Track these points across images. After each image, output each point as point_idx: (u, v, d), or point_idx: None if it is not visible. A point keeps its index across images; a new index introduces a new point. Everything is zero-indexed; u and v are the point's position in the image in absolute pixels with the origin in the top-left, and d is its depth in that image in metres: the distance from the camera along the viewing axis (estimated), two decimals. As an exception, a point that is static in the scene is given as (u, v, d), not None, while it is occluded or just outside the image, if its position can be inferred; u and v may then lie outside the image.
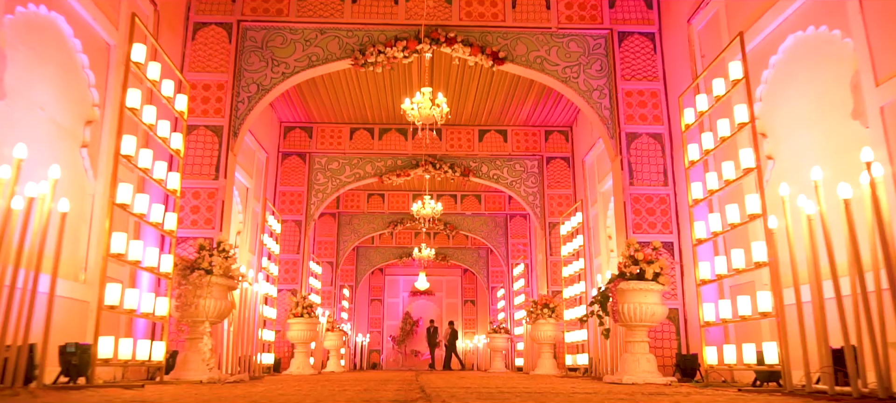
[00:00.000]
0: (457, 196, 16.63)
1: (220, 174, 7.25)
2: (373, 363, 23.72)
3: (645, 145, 7.57)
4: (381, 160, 12.34)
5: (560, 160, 12.44)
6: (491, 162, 12.47)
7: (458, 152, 12.37)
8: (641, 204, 7.38)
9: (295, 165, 12.15)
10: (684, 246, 7.23)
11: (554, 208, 12.16)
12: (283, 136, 12.26)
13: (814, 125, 5.07)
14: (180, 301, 5.48)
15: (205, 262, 5.60)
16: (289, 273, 11.60)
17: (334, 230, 16.55)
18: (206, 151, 7.33)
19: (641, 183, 7.43)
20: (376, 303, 24.92)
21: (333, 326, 13.94)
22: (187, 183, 7.17)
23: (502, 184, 12.37)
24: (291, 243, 11.73)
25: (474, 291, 25.22)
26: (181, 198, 7.16)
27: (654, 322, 5.92)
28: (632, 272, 5.87)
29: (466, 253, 21.17)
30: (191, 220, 7.11)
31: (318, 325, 10.78)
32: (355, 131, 12.37)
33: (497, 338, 14.83)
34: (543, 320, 10.35)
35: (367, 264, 21.05)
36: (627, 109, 7.68)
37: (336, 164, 12.27)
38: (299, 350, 10.28)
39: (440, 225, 16.92)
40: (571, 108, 11.79)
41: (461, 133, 12.48)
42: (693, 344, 6.91)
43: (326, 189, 12.15)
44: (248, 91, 7.69)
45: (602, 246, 10.54)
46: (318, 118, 12.21)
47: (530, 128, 12.57)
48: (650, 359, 5.85)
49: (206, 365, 5.29)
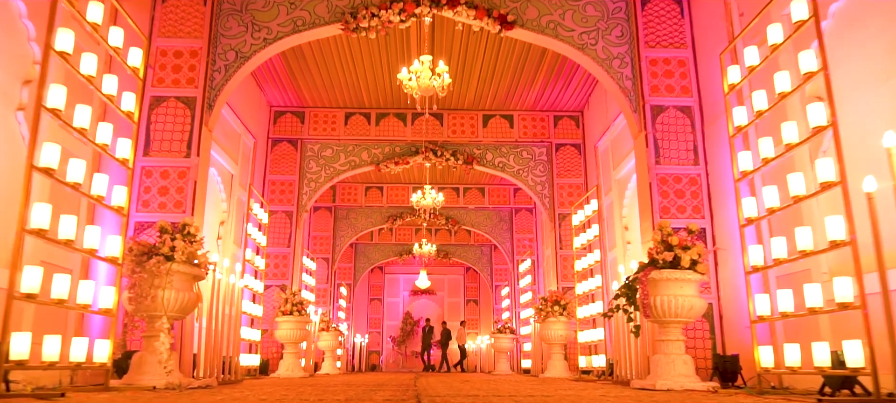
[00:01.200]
0: (459, 189, 15.79)
1: (193, 151, 6.40)
2: (372, 364, 22.87)
3: (672, 120, 6.72)
4: (378, 147, 11.50)
5: (570, 147, 11.59)
6: (496, 149, 11.62)
7: (460, 138, 11.52)
8: (669, 186, 6.52)
9: (285, 152, 11.31)
10: (719, 233, 6.37)
11: (564, 198, 11.31)
12: (272, 121, 11.42)
13: (882, 84, 4.22)
14: (134, 292, 4.64)
15: (165, 247, 4.76)
16: (278, 268, 10.76)
17: (330, 224, 15.71)
18: (177, 126, 6.49)
19: (669, 161, 6.57)
20: (376, 303, 24.07)
21: (328, 326, 13.10)
22: (154, 161, 6.34)
23: (508, 172, 11.51)
24: (281, 236, 10.89)
25: (477, 290, 24.36)
26: (148, 178, 6.32)
27: (692, 317, 5.07)
28: (665, 259, 5.01)
29: (469, 250, 20.31)
30: (158, 203, 6.27)
31: (310, 324, 9.94)
32: (351, 116, 11.53)
33: (502, 339, 13.97)
34: (554, 318, 9.50)
35: (365, 261, 20.21)
36: (652, 80, 6.83)
37: (330, 151, 11.43)
38: (288, 352, 9.43)
39: (441, 220, 16.09)
40: (582, 91, 10.94)
41: (464, 118, 11.63)
42: (730, 344, 6.05)
43: (319, 178, 11.31)
44: (226, 59, 6.84)
45: (617, 237, 9.68)
46: (311, 102, 11.37)
47: (538, 112, 11.72)
48: (687, 361, 4.99)
49: (162, 368, 4.45)
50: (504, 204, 15.92)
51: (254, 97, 10.51)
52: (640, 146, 6.78)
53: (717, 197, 6.44)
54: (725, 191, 6.25)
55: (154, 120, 6.45)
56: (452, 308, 24.40)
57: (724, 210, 6.29)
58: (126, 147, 4.88)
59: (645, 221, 6.61)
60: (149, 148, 6.40)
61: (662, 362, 4.98)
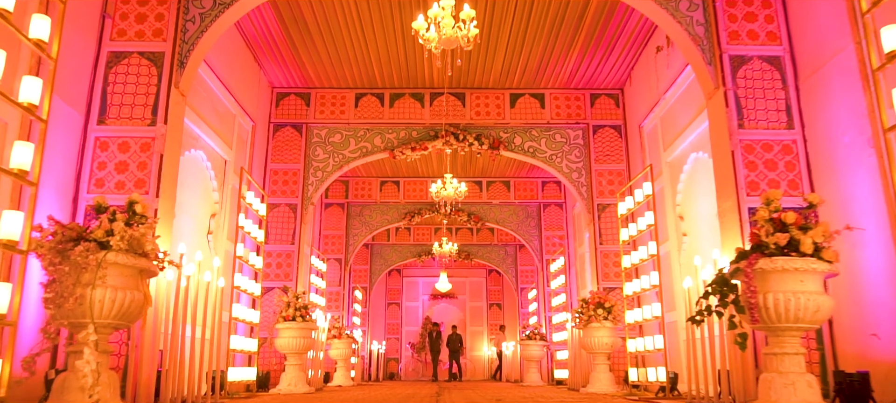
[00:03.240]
0: (482, 182, 14.48)
1: (159, 118, 5.18)
2: (390, 373, 21.59)
3: (757, 73, 5.35)
4: (392, 131, 10.23)
5: (609, 129, 10.22)
6: (525, 132, 10.28)
7: (485, 120, 10.21)
8: (756, 155, 5.15)
9: (289, 138, 10.08)
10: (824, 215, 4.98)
11: (603, 186, 9.93)
12: (274, 104, 10.21)
13: None
14: (52, 290, 3.40)
15: (99, 230, 3.52)
16: (281, 268, 9.52)
17: (343, 222, 14.47)
18: (141, 88, 5.28)
19: (755, 125, 5.20)
20: (393, 307, 22.79)
21: (341, 332, 11.85)
22: (111, 130, 5.13)
23: (540, 158, 10.17)
24: (284, 231, 9.66)
25: (501, 293, 22.98)
26: (103, 152, 5.10)
27: (817, 321, 3.70)
28: (777, 243, 3.65)
29: (492, 250, 18.96)
30: (115, 181, 5.05)
31: (316, 330, 8.68)
32: (361, 97, 10.28)
33: (531, 346, 12.61)
34: (597, 324, 8.13)
35: (382, 263, 18.95)
36: (730, 24, 5.47)
37: (338, 137, 10.19)
38: (291, 363, 8.16)
39: (463, 217, 14.77)
40: (623, 65, 9.57)
41: (488, 98, 10.32)
42: (845, 358, 4.66)
43: (327, 166, 10.07)
44: (201, 5, 5.62)
45: (670, 229, 8.30)
46: (317, 82, 10.14)
47: (573, 91, 10.36)
48: (812, 383, 3.63)
49: (85, 395, 3.20)
50: (531, 198, 14.57)
51: (252, 75, 9.30)
52: (716, 107, 5.41)
53: (819, 168, 5.06)
54: (830, 160, 4.88)
55: (112, 81, 5.25)
56: (474, 312, 23.04)
57: (831, 184, 4.91)
58: (34, 88, 3.64)
59: (725, 201, 5.24)
60: (105, 114, 5.20)
61: (777, 383, 3.61)
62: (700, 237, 7.64)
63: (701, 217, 7.59)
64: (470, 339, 22.72)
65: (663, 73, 8.21)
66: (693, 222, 7.89)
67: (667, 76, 8.14)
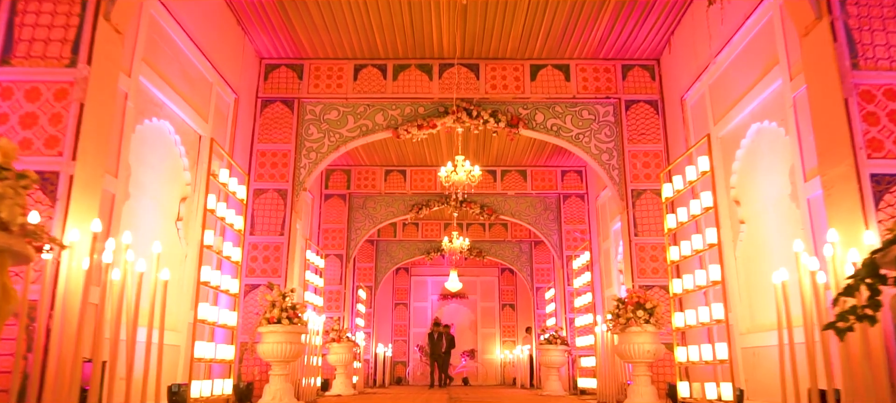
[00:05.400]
0: (496, 171, 13.22)
1: (81, 57, 3.96)
2: (397, 378, 20.36)
3: (871, -1, 4.07)
4: (396, 107, 8.99)
5: (644, 104, 8.93)
6: (548, 108, 9.01)
7: (501, 95, 8.95)
8: (878, 105, 3.87)
9: (279, 115, 8.87)
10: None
11: (638, 170, 8.65)
12: (263, 77, 9.00)
13: None
14: None
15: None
16: (268, 262, 8.31)
17: (344, 215, 13.25)
18: (59, 19, 4.06)
19: (873, 65, 3.92)
20: (401, 308, 21.56)
21: (341, 336, 10.64)
22: (18, 74, 3.93)
23: (564, 137, 8.90)
24: (272, 221, 8.44)
25: (514, 293, 21.69)
26: (4, 101, 3.89)
27: None
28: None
29: (506, 247, 17.69)
30: (21, 139, 3.85)
31: (306, 334, 7.46)
32: (361, 69, 9.05)
33: (551, 351, 11.32)
34: (637, 327, 6.84)
35: (388, 261, 17.73)
36: (832, -62, 4.19)
37: (335, 113, 8.96)
38: (276, 372, 6.92)
39: (476, 210, 13.51)
40: (661, 30, 8.30)
41: (506, 69, 9.06)
42: None
43: (322, 147, 8.85)
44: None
45: (722, 216, 6.99)
46: (312, 52, 8.93)
47: (602, 61, 9.09)
48: None
49: None
50: (550, 189, 13.29)
51: (234, 42, 8.10)
52: (816, 45, 4.13)
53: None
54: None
55: (21, 10, 4.05)
56: (486, 313, 21.77)
57: None
58: None
59: (834, 166, 3.95)
60: (11, 53, 4.00)
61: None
62: (764, 224, 6.35)
63: (766, 200, 6.31)
64: (481, 341, 21.45)
65: (716, 31, 6.92)
66: (753, 206, 6.60)
67: (721, 34, 6.86)
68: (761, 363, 6.19)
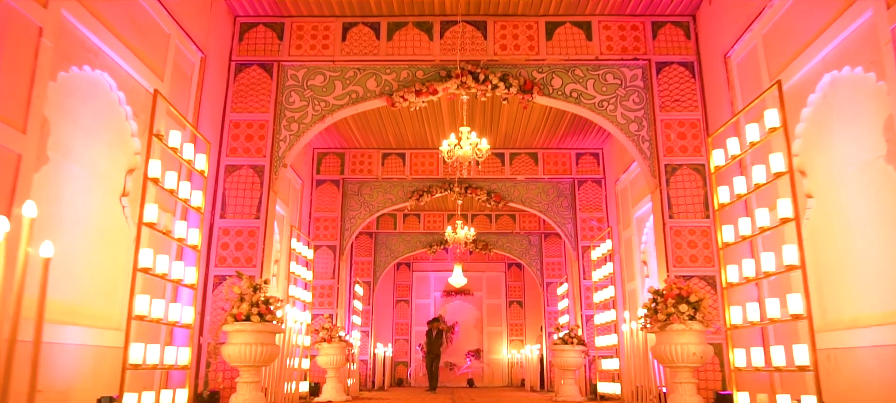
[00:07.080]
0: (504, 154, 12.02)
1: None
2: (398, 379, 19.17)
3: None
4: (391, 71, 7.79)
5: (678, 66, 7.71)
6: (566, 71, 7.79)
7: (513, 57, 7.74)
8: None
9: (255, 81, 7.68)
10: None
11: (672, 141, 7.44)
12: (238, 38, 7.81)
13: None
14: None
15: None
16: (241, 250, 7.12)
17: (337, 202, 12.05)
18: None
19: None
20: (402, 305, 20.36)
21: (332, 335, 9.45)
22: None
23: (586, 105, 7.68)
24: (246, 202, 7.26)
25: (522, 290, 20.46)
26: None
27: None
28: None
29: (514, 239, 16.49)
30: None
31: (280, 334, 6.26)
32: (351, 28, 7.85)
33: (567, 352, 10.09)
34: (680, 325, 5.62)
35: (387, 255, 16.54)
36: None
37: (320, 79, 7.77)
38: (244, 379, 5.70)
39: (482, 196, 12.28)
40: (702, -26, 7.08)
41: (518, 27, 7.85)
42: None
43: (305, 116, 7.65)
44: None
45: (781, 190, 5.76)
46: (294, 9, 7.74)
47: (628, 18, 7.87)
48: None
49: None
50: (564, 173, 12.08)
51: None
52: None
53: None
54: None
55: None
56: (492, 311, 20.56)
57: None
58: None
59: None
60: None
61: None
62: (841, 196, 5.13)
63: (845, 167, 5.09)
64: (487, 341, 20.25)
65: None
66: (825, 176, 5.38)
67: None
68: (840, 368, 4.98)
